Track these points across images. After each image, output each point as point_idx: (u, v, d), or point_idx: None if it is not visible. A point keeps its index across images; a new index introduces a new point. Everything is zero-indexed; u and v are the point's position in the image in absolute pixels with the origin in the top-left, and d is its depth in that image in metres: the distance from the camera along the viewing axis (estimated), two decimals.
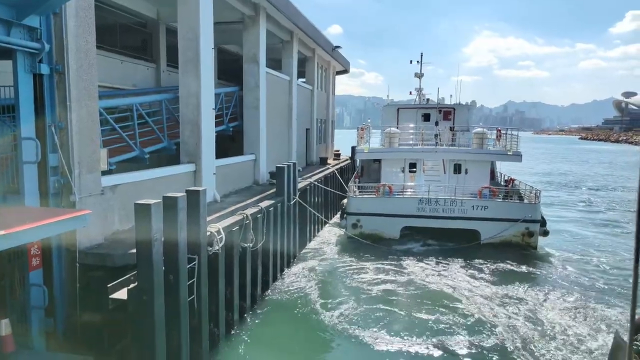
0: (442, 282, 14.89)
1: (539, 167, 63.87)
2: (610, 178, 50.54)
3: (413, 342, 10.90)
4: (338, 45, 29.50)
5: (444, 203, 18.19)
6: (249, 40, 17.63)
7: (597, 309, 13.00)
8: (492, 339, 11.14)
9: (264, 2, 16.79)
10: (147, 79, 17.95)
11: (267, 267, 13.73)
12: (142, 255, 7.66)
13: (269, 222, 13.57)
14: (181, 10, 12.81)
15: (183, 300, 8.56)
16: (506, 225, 17.80)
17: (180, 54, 12.91)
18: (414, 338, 11.10)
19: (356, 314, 12.54)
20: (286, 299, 13.55)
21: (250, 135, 17.86)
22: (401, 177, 21.42)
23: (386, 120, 26.12)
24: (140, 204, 7.56)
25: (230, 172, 15.86)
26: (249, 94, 17.76)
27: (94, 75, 8.63)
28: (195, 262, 9.08)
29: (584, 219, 26.59)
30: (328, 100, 32.92)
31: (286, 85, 22.26)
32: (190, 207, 9.06)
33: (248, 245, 11.96)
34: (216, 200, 13.95)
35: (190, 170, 12.95)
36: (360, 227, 18.75)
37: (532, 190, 18.80)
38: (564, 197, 36.10)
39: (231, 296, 11.19)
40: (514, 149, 20.46)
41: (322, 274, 15.59)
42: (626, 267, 17.12)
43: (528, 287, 14.54)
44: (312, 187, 19.44)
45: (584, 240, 21.23)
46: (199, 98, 12.89)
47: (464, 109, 25.99)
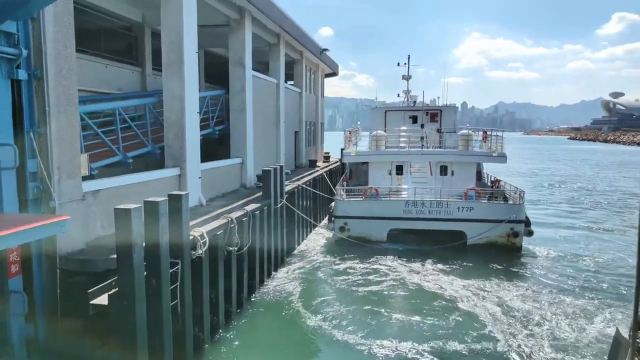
0: (429, 283, 14.95)
1: (527, 166, 64.50)
2: (596, 178, 51.07)
3: (400, 345, 10.90)
4: (326, 48, 29.58)
5: (430, 205, 18.31)
6: (235, 43, 17.65)
7: (587, 307, 13.12)
8: (483, 340, 11.15)
9: (249, 6, 16.81)
10: (132, 82, 17.89)
11: (253, 271, 13.72)
12: (122, 260, 7.65)
13: (255, 226, 13.57)
14: (164, 13, 12.81)
15: (165, 304, 8.54)
16: (491, 226, 17.95)
17: (163, 57, 12.90)
18: (401, 340, 11.09)
19: (343, 316, 12.53)
20: (273, 302, 13.55)
21: (237, 139, 17.85)
22: (388, 180, 21.51)
23: (374, 123, 26.23)
24: (120, 209, 7.54)
25: (217, 176, 15.85)
26: (235, 97, 17.77)
27: (73, 80, 8.60)
28: (178, 266, 9.08)
29: (569, 219, 26.86)
30: (317, 103, 32.98)
31: (273, 88, 22.29)
32: (172, 211, 9.06)
33: (233, 249, 11.95)
34: (202, 204, 13.93)
35: (174, 174, 12.93)
36: (348, 230, 18.81)
37: (516, 191, 18.97)
38: (550, 196, 36.43)
39: (216, 300, 11.17)
40: (499, 150, 20.63)
41: (310, 277, 15.61)
42: (611, 265, 17.38)
43: (515, 287, 14.63)
44: (300, 190, 19.45)
45: (569, 239, 21.43)
46: (183, 101, 12.88)
47: (451, 111, 26.19)
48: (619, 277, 15.91)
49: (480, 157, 21.33)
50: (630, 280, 15.49)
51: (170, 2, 12.68)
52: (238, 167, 17.69)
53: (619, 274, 16.20)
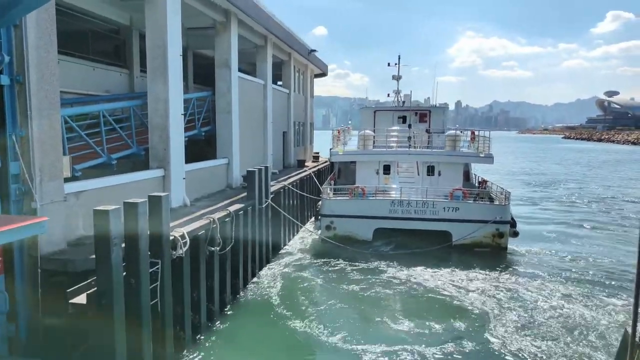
0: (413, 283, 15.20)
1: (519, 165, 65.00)
2: (587, 177, 51.56)
3: (385, 346, 10.98)
4: (314, 49, 29.83)
5: (416, 205, 18.58)
6: (221, 45, 17.88)
7: (582, 306, 13.38)
8: (471, 340, 11.30)
9: (235, 9, 17.04)
10: (120, 84, 18.08)
11: (237, 271, 13.94)
12: (101, 260, 7.88)
13: (238, 226, 13.79)
14: (149, 18, 13.03)
15: (145, 304, 8.78)
16: (477, 226, 18.22)
17: (148, 61, 13.13)
18: (386, 341, 11.21)
19: (328, 317, 12.75)
20: (257, 302, 13.78)
21: (223, 140, 18.09)
22: (376, 179, 21.79)
23: (364, 123, 26.54)
24: (98, 210, 7.78)
25: (202, 177, 16.09)
26: (221, 99, 18.00)
27: (55, 84, 8.84)
28: (158, 266, 9.31)
29: (556, 218, 27.25)
30: (306, 103, 33.24)
31: (260, 89, 22.53)
32: (152, 212, 9.31)
33: (215, 249, 12.18)
34: (186, 205, 14.17)
35: (158, 175, 13.16)
36: (334, 229, 19.07)
37: (502, 192, 19.26)
38: (538, 196, 36.83)
39: (198, 300, 11.40)
40: (486, 150, 20.93)
41: (295, 277, 15.86)
42: (600, 264, 17.74)
43: (503, 287, 14.86)
44: (286, 190, 19.70)
45: (555, 239, 21.78)
46: (167, 104, 13.12)
47: (440, 111, 26.51)
48: (609, 275, 16.25)
49: (467, 158, 21.61)
50: (620, 278, 15.92)
51: (154, 7, 12.91)
52: (224, 167, 17.93)
53: (608, 273, 16.55)
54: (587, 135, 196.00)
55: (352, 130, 29.25)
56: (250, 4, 17.89)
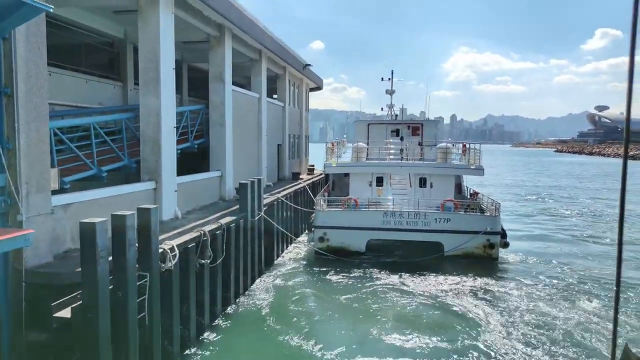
0: (406, 294, 15.18)
1: (514, 178, 65.22)
2: (577, 189, 51.81)
3: (377, 357, 10.93)
4: (309, 64, 30.04)
5: (408, 216, 18.61)
6: (215, 59, 17.96)
7: (563, 315, 13.47)
8: (466, 351, 11.30)
9: (229, 24, 17.16)
10: (114, 97, 18.10)
11: (227, 284, 13.83)
12: (87, 273, 7.79)
13: (229, 239, 13.72)
14: (142, 32, 13.10)
15: (132, 317, 8.67)
16: (468, 237, 18.26)
17: (140, 74, 13.17)
18: (378, 352, 11.16)
19: (320, 330, 12.65)
20: (248, 315, 13.66)
21: (216, 152, 18.08)
22: (369, 191, 21.83)
23: (358, 136, 26.70)
24: (85, 223, 7.71)
25: (194, 189, 16.03)
26: (214, 112, 18.03)
27: (44, 97, 8.82)
28: (147, 279, 9.23)
29: (547, 230, 27.32)
30: (301, 116, 33.35)
31: (255, 103, 22.60)
32: (141, 224, 9.26)
33: (206, 262, 12.09)
34: (177, 217, 14.09)
35: (150, 187, 13.10)
36: (327, 241, 19.03)
37: (492, 203, 19.34)
38: (530, 207, 36.91)
39: (187, 313, 11.28)
40: (476, 163, 21.05)
41: (287, 290, 15.73)
42: (585, 274, 17.81)
43: (494, 298, 14.89)
44: (279, 203, 19.66)
45: (545, 250, 21.83)
46: (159, 117, 13.12)
47: (432, 125, 26.71)
48: (598, 286, 16.29)
49: (457, 170, 21.73)
50: (609, 288, 15.93)
51: (147, 21, 12.98)
52: (217, 180, 17.88)
53: (597, 283, 16.59)
54: (579, 148, 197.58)
55: (347, 143, 29.40)
56: (244, 18, 18.03)
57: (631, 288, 15.99)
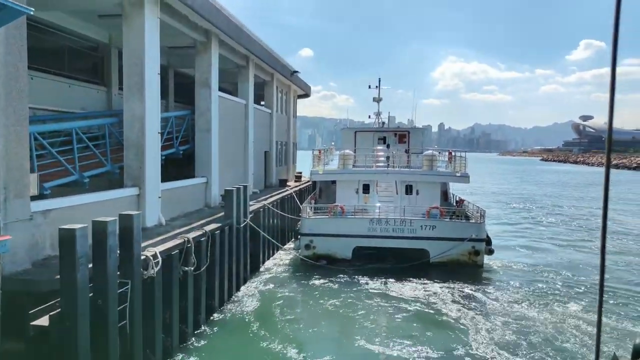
0: (391, 300, 15.13)
1: (498, 186, 65.81)
2: (562, 197, 52.45)
3: None
4: (296, 70, 30.08)
5: (394, 223, 18.61)
6: (201, 65, 17.90)
7: (546, 319, 13.56)
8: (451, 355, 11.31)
9: (215, 29, 17.12)
10: (98, 102, 17.90)
11: (212, 291, 13.66)
12: (66, 280, 7.63)
13: (214, 246, 13.57)
14: (126, 36, 13.00)
15: (112, 325, 8.51)
16: (453, 244, 18.31)
17: (125, 79, 13.05)
18: (364, 359, 11.10)
19: (305, 338, 12.56)
20: (232, 322, 13.50)
21: (202, 158, 17.95)
22: (356, 198, 21.81)
23: (345, 143, 26.74)
24: (64, 229, 7.57)
25: (179, 195, 15.87)
26: (200, 118, 17.94)
27: (24, 101, 8.68)
28: (128, 286, 9.07)
29: (532, 236, 27.57)
30: (289, 123, 33.35)
31: (242, 109, 22.54)
32: (123, 230, 9.13)
33: (190, 269, 11.94)
34: (161, 224, 13.92)
35: (133, 194, 12.94)
36: (314, 248, 18.94)
37: (478, 210, 19.44)
38: (515, 215, 37.23)
39: (170, 321, 11.11)
40: (462, 170, 21.17)
41: (272, 297, 15.60)
42: (569, 280, 17.98)
43: (478, 304, 14.93)
44: (266, 210, 19.55)
45: (530, 256, 22.00)
46: (144, 122, 13.00)
47: (419, 132, 26.88)
48: (582, 292, 16.43)
49: (443, 177, 21.81)
50: (592, 293, 16.10)
51: (132, 25, 12.89)
52: (202, 186, 17.75)
53: (581, 289, 16.74)
54: (564, 157, 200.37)
55: (334, 150, 29.43)
56: (231, 24, 18.01)
57: (612, 294, 16.17)
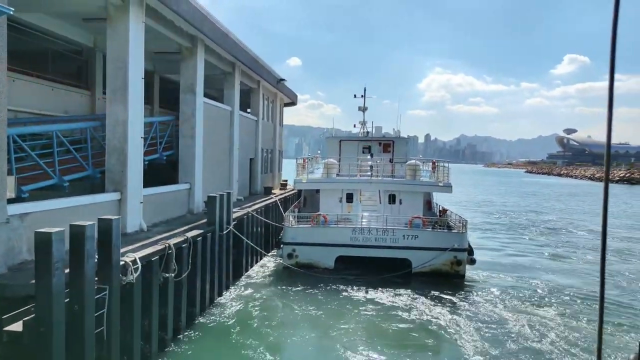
0: (372, 309, 15.12)
1: (483, 197, 66.53)
2: (545, 209, 53.22)
3: None
4: (283, 78, 30.19)
5: (377, 232, 18.66)
6: (187, 70, 17.88)
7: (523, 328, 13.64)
8: None
9: (201, 35, 17.14)
10: (81, 106, 17.74)
11: (193, 298, 13.53)
12: (41, 285, 7.50)
13: (196, 252, 13.47)
14: (111, 38, 12.94)
15: (89, 331, 8.38)
16: (435, 254, 18.39)
17: (108, 82, 12.98)
18: None
19: (287, 344, 12.51)
20: (213, 330, 13.36)
21: (185, 164, 17.87)
22: (339, 207, 21.83)
23: (330, 152, 26.79)
24: (40, 232, 7.46)
25: (162, 201, 15.75)
26: (185, 123, 17.87)
27: (2, 102, 8.58)
28: (106, 292, 8.96)
29: (514, 247, 27.89)
30: (275, 131, 33.38)
31: (227, 116, 22.52)
32: (101, 235, 9.03)
33: (170, 275, 11.83)
34: (143, 229, 13.80)
35: (114, 198, 12.82)
36: (296, 257, 18.88)
37: (460, 220, 19.59)
38: (499, 224, 37.64)
39: (149, 328, 10.98)
40: (445, 180, 21.36)
41: (254, 305, 15.50)
42: (548, 289, 18.16)
43: (463, 314, 14.96)
44: (249, 217, 19.47)
45: (511, 266, 22.20)
46: (126, 126, 12.92)
47: (403, 142, 27.07)
48: (564, 302, 16.59)
49: (426, 187, 21.94)
50: (569, 302, 16.37)
51: (116, 29, 12.85)
52: (185, 192, 17.64)
53: (563, 300, 16.91)
54: (548, 170, 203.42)
55: (320, 159, 29.45)
56: (217, 31, 18.05)
57: (588, 301, 16.44)
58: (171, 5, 13.80)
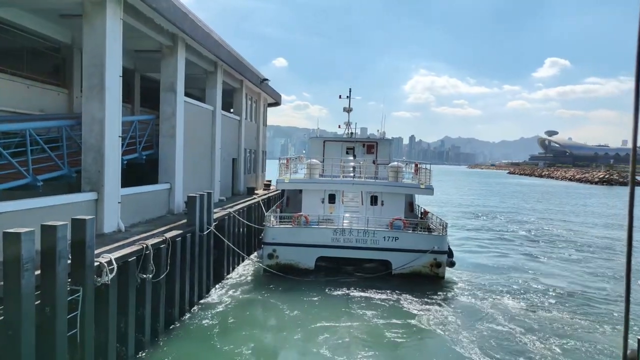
0: (352, 311, 15.10)
1: (466, 198, 67.20)
2: (525, 209, 53.98)
3: None
4: (266, 78, 30.04)
5: (358, 234, 18.64)
6: (167, 69, 17.66)
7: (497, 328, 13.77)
8: None
9: (182, 33, 16.95)
10: (58, 104, 17.36)
11: (172, 300, 13.35)
12: (9, 287, 7.30)
13: (174, 253, 13.30)
14: (87, 35, 12.70)
15: (61, 334, 8.20)
16: (415, 255, 18.45)
17: (84, 80, 12.73)
18: None
19: (267, 347, 12.42)
20: (192, 331, 13.19)
21: (165, 164, 17.64)
22: (322, 208, 21.78)
23: (314, 152, 26.70)
24: (8, 233, 7.26)
25: (141, 201, 15.52)
26: (165, 122, 17.65)
27: None
28: (79, 293, 8.78)
29: (495, 248, 28.18)
30: (259, 131, 33.20)
31: (209, 115, 22.31)
32: (75, 236, 8.86)
33: (148, 277, 11.65)
34: (120, 230, 13.57)
35: (91, 198, 12.58)
36: (277, 257, 18.76)
37: (440, 222, 19.68)
38: (480, 226, 37.99)
39: (125, 329, 10.80)
40: (427, 182, 21.46)
41: (234, 307, 15.35)
42: (526, 289, 18.37)
43: (441, 316, 15.03)
44: (231, 218, 19.30)
45: (492, 268, 22.43)
46: (103, 125, 12.69)
47: (386, 143, 27.11)
48: (543, 304, 16.75)
49: (408, 189, 21.98)
50: (547, 303, 16.57)
51: (93, 26, 12.61)
52: (165, 192, 17.41)
53: (543, 301, 17.09)
54: (530, 171, 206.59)
55: (305, 160, 29.34)
56: (198, 29, 17.86)
57: (572, 302, 16.68)
58: (150, 3, 13.61)
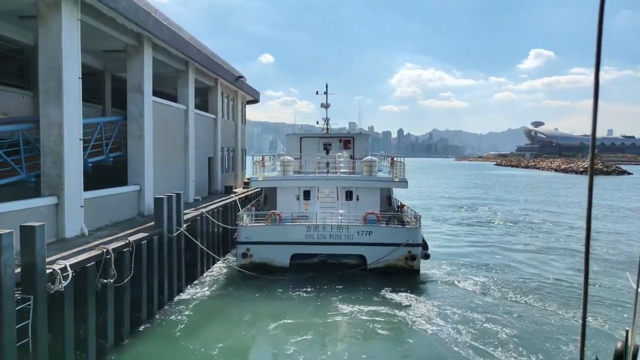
0: (327, 308, 15.03)
1: (451, 190, 67.60)
2: (507, 201, 54.44)
3: None
4: (241, 76, 29.82)
5: (331, 229, 18.59)
6: (133, 69, 17.41)
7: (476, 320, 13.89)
8: None
9: (147, 33, 16.70)
10: (22, 107, 17.01)
11: (138, 304, 13.19)
12: None
13: (140, 257, 13.13)
14: (42, 37, 12.45)
15: (9, 344, 8.05)
16: (390, 249, 18.45)
17: (40, 83, 12.49)
18: None
19: (238, 348, 12.36)
20: (160, 335, 13.06)
21: (134, 165, 17.42)
22: (297, 205, 21.70)
23: (290, 149, 26.59)
24: None
25: (108, 204, 15.32)
26: (132, 123, 17.42)
27: None
28: (30, 302, 8.63)
29: (472, 239, 28.39)
30: (237, 129, 32.97)
31: (181, 115, 22.08)
32: (25, 243, 8.70)
33: (109, 282, 11.49)
34: (84, 234, 13.38)
35: (50, 203, 12.37)
36: (251, 257, 18.64)
37: (415, 215, 19.69)
38: (459, 218, 38.16)
39: (85, 336, 10.64)
40: (401, 175, 21.47)
41: (205, 308, 15.21)
42: (502, 282, 18.47)
43: (417, 308, 15.13)
44: (204, 218, 19.13)
45: (468, 260, 22.50)
46: (62, 128, 12.47)
47: (363, 138, 27.09)
48: (518, 296, 16.88)
49: (382, 183, 21.96)
50: (523, 294, 16.79)
51: (48, 27, 12.35)
52: (135, 194, 17.21)
53: (517, 293, 17.20)
54: (517, 162, 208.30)
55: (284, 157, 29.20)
56: (164, 28, 17.61)
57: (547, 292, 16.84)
58: (108, 2, 13.36)
